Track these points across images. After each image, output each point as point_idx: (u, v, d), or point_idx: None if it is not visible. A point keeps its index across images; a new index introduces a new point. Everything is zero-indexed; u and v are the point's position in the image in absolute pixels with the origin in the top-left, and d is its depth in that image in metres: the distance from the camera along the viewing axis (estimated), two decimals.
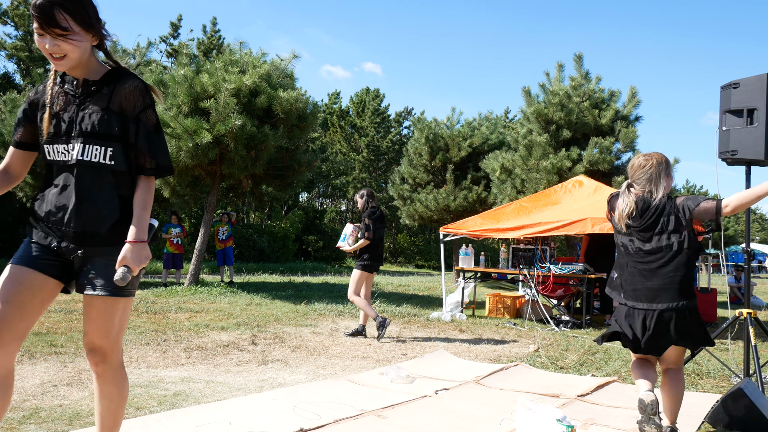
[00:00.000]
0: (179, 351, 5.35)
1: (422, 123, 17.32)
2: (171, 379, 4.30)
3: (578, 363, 5.45)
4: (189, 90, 9.90)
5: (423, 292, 13.11)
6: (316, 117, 11.09)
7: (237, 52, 10.74)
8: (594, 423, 3.44)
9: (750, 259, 4.72)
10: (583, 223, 7.66)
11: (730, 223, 40.33)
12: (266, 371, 4.74)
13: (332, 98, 41.90)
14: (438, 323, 8.02)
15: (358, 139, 38.89)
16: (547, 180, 11.74)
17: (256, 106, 10.04)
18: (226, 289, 10.64)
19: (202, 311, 8.18)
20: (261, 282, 14.19)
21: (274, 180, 11.56)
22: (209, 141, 9.45)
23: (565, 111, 12.19)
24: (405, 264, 34.79)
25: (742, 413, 3.35)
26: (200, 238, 10.86)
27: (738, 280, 13.62)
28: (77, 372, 4.36)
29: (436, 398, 3.98)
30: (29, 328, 2.06)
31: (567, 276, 8.29)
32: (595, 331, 7.70)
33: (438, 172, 16.94)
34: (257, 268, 19.22)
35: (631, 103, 12.46)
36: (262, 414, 3.43)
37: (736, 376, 4.82)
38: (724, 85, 4.54)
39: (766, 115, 4.31)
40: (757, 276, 29.33)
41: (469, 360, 5.48)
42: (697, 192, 49.04)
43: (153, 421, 3.22)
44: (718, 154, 4.53)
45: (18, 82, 22.86)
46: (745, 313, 4.45)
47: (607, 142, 11.84)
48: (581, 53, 12.58)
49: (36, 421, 3.19)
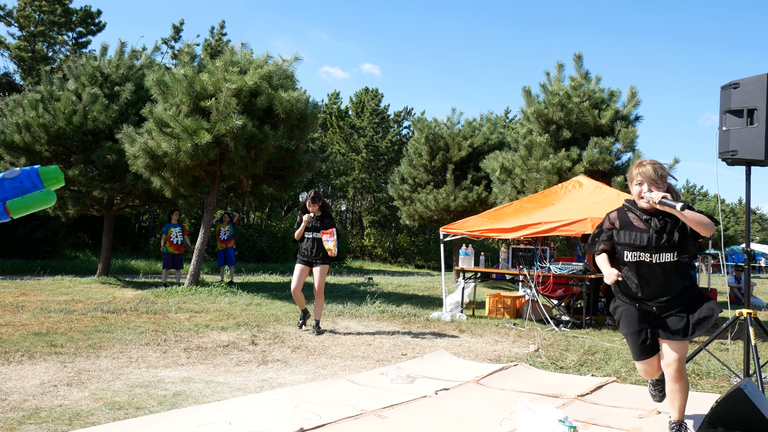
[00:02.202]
0: (179, 351, 5.35)
1: (422, 123, 17.32)
2: (171, 379, 4.30)
3: (578, 363, 5.45)
4: (189, 89, 9.89)
5: (423, 292, 13.11)
6: (317, 117, 11.08)
7: (238, 52, 10.74)
8: (594, 423, 3.44)
9: (750, 259, 4.72)
10: (583, 223, 7.66)
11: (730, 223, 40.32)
12: (266, 371, 4.73)
13: (332, 98, 41.91)
14: (438, 323, 8.02)
15: (358, 140, 38.88)
16: (547, 180, 11.73)
17: (257, 106, 10.03)
18: (226, 290, 10.63)
19: (202, 311, 8.18)
20: (261, 282, 14.19)
21: (274, 180, 11.56)
22: (209, 141, 9.45)
23: (565, 111, 12.18)
24: (405, 264, 34.78)
25: (742, 413, 3.34)
26: (200, 239, 10.85)
27: (738, 281, 13.62)
28: (77, 372, 4.36)
29: (436, 398, 3.98)
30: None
31: (567, 276, 8.29)
32: (596, 331, 7.70)
33: (438, 172, 16.93)
34: (257, 268, 19.21)
35: (630, 103, 12.45)
36: (262, 414, 3.43)
37: (736, 376, 4.82)
38: (725, 85, 4.54)
39: (766, 115, 4.31)
40: (757, 276, 29.32)
41: (469, 360, 5.48)
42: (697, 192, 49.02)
43: (153, 421, 3.22)
44: (718, 155, 4.53)
45: (19, 83, 22.85)
46: (745, 313, 4.45)
47: (606, 142, 11.83)
48: (581, 53, 12.58)
49: (36, 421, 3.19)
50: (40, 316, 7.09)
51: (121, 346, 5.44)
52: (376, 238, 36.07)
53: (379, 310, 8.94)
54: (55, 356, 4.87)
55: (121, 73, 12.57)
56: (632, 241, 3.02)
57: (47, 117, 11.52)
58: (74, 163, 11.68)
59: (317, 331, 6.73)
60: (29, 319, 6.83)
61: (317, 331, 6.73)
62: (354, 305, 9.38)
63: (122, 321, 7.03)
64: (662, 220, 2.99)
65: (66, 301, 8.55)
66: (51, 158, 11.70)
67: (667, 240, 2.96)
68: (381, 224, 37.91)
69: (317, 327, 6.79)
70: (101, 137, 11.83)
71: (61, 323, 6.60)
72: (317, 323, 6.83)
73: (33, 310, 7.49)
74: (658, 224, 2.99)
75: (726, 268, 14.52)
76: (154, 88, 10.42)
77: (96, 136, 11.86)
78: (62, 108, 11.54)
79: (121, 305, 8.32)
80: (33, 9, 23.43)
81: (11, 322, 6.50)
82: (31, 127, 11.38)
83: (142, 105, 11.32)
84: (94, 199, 12.47)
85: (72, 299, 8.90)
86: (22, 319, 6.81)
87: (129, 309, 8.04)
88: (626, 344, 6.69)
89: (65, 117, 11.51)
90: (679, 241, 2.96)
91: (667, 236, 2.96)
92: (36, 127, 11.37)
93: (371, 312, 8.79)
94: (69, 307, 7.89)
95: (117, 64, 12.61)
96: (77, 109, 11.67)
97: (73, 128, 11.52)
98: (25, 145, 11.48)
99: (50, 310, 7.59)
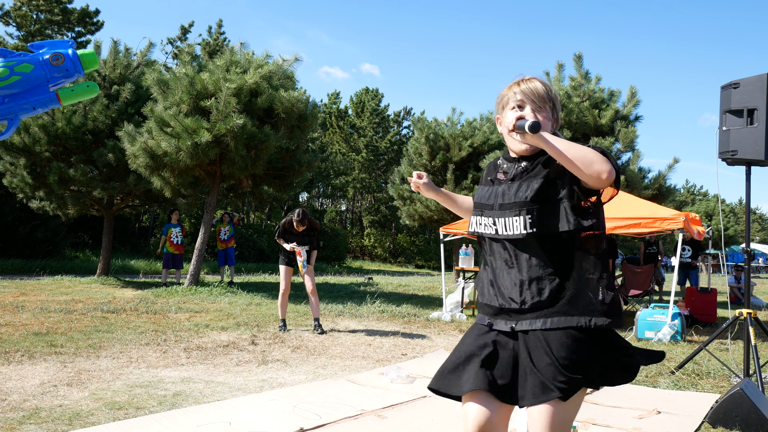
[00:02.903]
0: (179, 351, 5.35)
1: (422, 123, 17.31)
2: (171, 379, 4.30)
3: None
4: (189, 88, 9.88)
5: (423, 292, 13.11)
6: (317, 117, 11.08)
7: (238, 52, 10.74)
8: (594, 423, 3.44)
9: (750, 259, 4.72)
10: None
11: (730, 223, 40.31)
12: (266, 371, 4.73)
13: (332, 98, 41.93)
14: (438, 323, 8.02)
15: (358, 140, 38.89)
16: None
17: (257, 106, 10.03)
18: (226, 289, 10.63)
19: (202, 311, 8.18)
20: (261, 282, 14.19)
21: (274, 180, 11.56)
22: (209, 140, 9.44)
23: (565, 111, 12.18)
24: (405, 264, 34.79)
25: (742, 413, 3.34)
26: (200, 238, 10.85)
27: (738, 280, 13.62)
28: (77, 372, 4.36)
29: (436, 398, 3.98)
30: None
31: None
32: None
33: (438, 172, 16.92)
34: (257, 268, 19.22)
35: (630, 103, 12.46)
36: (262, 414, 3.43)
37: (736, 376, 4.82)
38: (725, 85, 4.54)
39: (766, 115, 4.30)
40: (757, 276, 29.33)
41: None
42: (697, 192, 48.96)
43: (153, 421, 3.22)
44: (718, 154, 4.53)
45: None
46: (745, 313, 4.45)
47: (607, 142, 11.83)
48: (581, 53, 12.58)
49: (36, 421, 3.19)
50: (40, 316, 7.09)
51: (121, 346, 5.43)
52: (376, 238, 36.09)
53: (379, 310, 8.94)
54: (55, 356, 4.87)
55: (119, 73, 12.56)
56: (479, 199, 1.84)
57: (46, 118, 11.53)
58: (74, 164, 11.68)
59: (320, 330, 6.73)
60: (29, 319, 6.82)
61: (320, 330, 6.73)
62: (354, 305, 9.38)
63: (122, 321, 7.03)
64: (534, 166, 1.74)
65: (66, 301, 8.55)
66: (51, 158, 11.70)
67: (517, 193, 1.70)
68: (381, 224, 37.93)
69: (319, 325, 6.80)
70: (101, 137, 11.83)
71: (61, 323, 6.60)
72: (318, 322, 6.83)
73: (33, 310, 7.49)
74: (520, 169, 1.76)
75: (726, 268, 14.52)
76: (153, 88, 10.41)
77: (96, 136, 11.86)
78: (62, 108, 11.54)
79: (121, 305, 8.32)
80: (30, 8, 23.41)
81: (11, 322, 6.49)
82: (30, 128, 11.38)
83: (141, 104, 11.32)
84: (94, 199, 12.47)
85: (72, 299, 8.90)
86: (22, 319, 6.81)
87: (129, 309, 8.04)
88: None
89: (65, 117, 11.51)
90: (540, 194, 1.66)
91: (520, 187, 1.71)
92: (35, 128, 11.38)
93: (371, 312, 8.79)
94: (69, 307, 7.89)
95: (113, 64, 12.60)
96: (77, 109, 11.67)
97: (73, 128, 11.52)
98: (25, 146, 11.48)
99: (50, 310, 7.59)
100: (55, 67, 1.94)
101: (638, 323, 7.08)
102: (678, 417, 3.62)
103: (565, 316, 1.63)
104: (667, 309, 7.03)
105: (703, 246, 11.97)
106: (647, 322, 7.04)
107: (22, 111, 1.92)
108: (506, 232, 1.70)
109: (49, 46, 1.95)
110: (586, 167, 1.57)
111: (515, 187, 1.72)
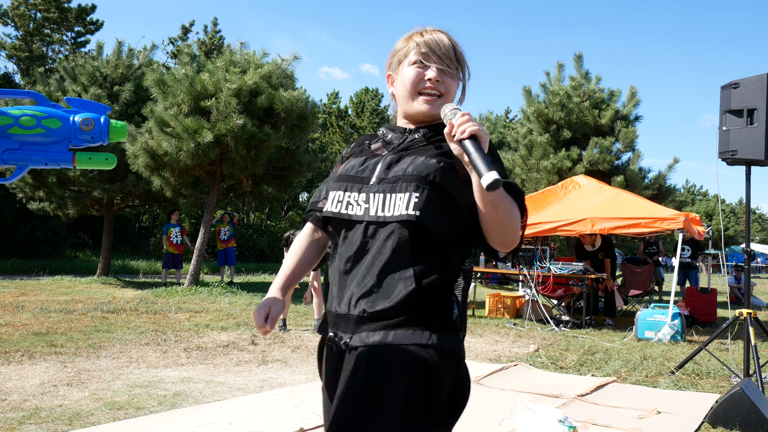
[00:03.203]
0: (179, 351, 5.35)
1: None
2: (171, 379, 4.30)
3: (578, 363, 5.45)
4: (190, 89, 9.88)
5: None
6: (317, 117, 11.08)
7: (237, 52, 10.74)
8: (594, 423, 3.44)
9: (750, 259, 4.72)
10: (583, 223, 7.66)
11: (730, 223, 40.33)
12: (266, 371, 4.73)
13: (331, 98, 41.92)
14: None
15: None
16: (547, 180, 11.73)
17: (257, 105, 10.03)
18: (226, 289, 10.63)
19: (202, 311, 8.18)
20: (261, 282, 14.19)
21: (274, 180, 11.56)
22: (210, 140, 9.45)
23: (565, 111, 12.19)
24: None
25: (742, 413, 3.35)
26: (200, 238, 10.85)
27: (738, 281, 13.61)
28: (77, 372, 4.36)
29: None
30: None
31: (567, 276, 8.29)
32: (596, 331, 7.70)
33: None
34: (257, 268, 19.21)
35: (630, 103, 12.46)
36: (262, 414, 3.43)
37: (736, 376, 4.82)
38: (725, 85, 4.54)
39: (766, 115, 4.31)
40: (757, 276, 29.33)
41: (469, 360, 5.48)
42: (697, 192, 48.98)
43: (153, 421, 3.22)
44: (718, 154, 4.54)
45: (18, 82, 22.85)
46: (745, 313, 4.45)
47: (607, 142, 11.83)
48: (581, 53, 12.58)
49: (36, 421, 3.19)
50: (40, 316, 7.09)
51: (121, 346, 5.43)
52: None
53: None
54: (55, 356, 4.87)
55: (120, 73, 12.56)
56: (345, 171, 1.45)
57: None
58: None
59: None
60: (29, 319, 6.82)
61: None
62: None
63: (122, 321, 7.03)
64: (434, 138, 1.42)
65: (66, 301, 8.55)
66: None
67: (408, 167, 1.35)
68: None
69: None
70: None
71: (61, 323, 6.60)
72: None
73: (33, 310, 7.49)
74: (415, 139, 1.42)
75: (726, 268, 14.53)
76: (154, 88, 10.41)
77: None
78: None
79: (121, 305, 8.32)
80: (28, 8, 23.40)
81: (11, 322, 6.49)
82: None
83: (141, 105, 11.31)
84: (94, 199, 12.46)
85: (72, 299, 8.90)
86: (22, 319, 6.81)
87: (129, 309, 8.04)
88: (626, 344, 6.73)
89: None
90: (438, 173, 1.32)
91: (415, 160, 1.36)
92: None
93: None
94: (69, 307, 7.89)
95: (116, 64, 12.61)
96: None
97: None
98: None
99: (50, 310, 7.59)
100: (82, 131, 1.92)
101: (638, 323, 7.08)
102: (678, 417, 3.62)
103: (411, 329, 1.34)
104: (667, 309, 7.03)
105: (702, 246, 11.98)
106: (647, 322, 7.04)
107: (33, 163, 1.91)
108: (382, 213, 1.32)
109: (85, 107, 1.92)
110: (501, 233, 1.36)
111: (408, 159, 1.37)
